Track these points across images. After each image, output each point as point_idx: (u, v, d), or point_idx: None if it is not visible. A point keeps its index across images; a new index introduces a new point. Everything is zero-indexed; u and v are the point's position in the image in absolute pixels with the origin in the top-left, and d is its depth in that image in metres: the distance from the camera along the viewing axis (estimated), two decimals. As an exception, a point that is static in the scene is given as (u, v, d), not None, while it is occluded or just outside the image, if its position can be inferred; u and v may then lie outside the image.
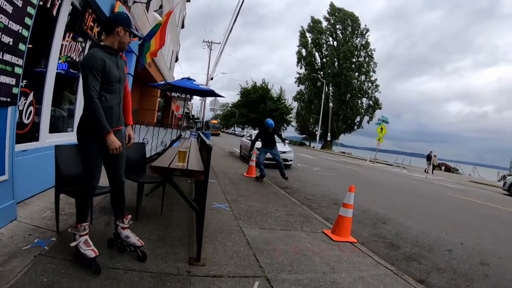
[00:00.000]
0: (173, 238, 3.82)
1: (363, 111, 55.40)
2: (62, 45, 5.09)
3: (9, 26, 3.08)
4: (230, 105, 79.36)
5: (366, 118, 54.75)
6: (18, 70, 3.38)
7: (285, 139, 10.75)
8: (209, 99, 29.78)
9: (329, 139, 52.29)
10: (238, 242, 4.06)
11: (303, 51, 57.40)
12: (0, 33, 2.98)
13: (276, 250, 3.96)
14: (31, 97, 4.34)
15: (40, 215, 3.84)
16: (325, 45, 56.04)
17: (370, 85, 54.98)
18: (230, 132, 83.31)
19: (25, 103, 4.21)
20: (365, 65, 54.67)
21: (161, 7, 12.56)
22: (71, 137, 5.40)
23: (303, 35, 57.34)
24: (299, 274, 3.36)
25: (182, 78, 11.20)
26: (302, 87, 58.46)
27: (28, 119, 4.36)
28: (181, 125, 13.41)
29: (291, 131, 66.31)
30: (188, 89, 10.74)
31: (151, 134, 9.10)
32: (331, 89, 53.72)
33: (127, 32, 2.96)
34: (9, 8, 3.04)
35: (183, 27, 30.65)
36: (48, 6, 4.45)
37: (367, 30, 55.10)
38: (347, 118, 54.54)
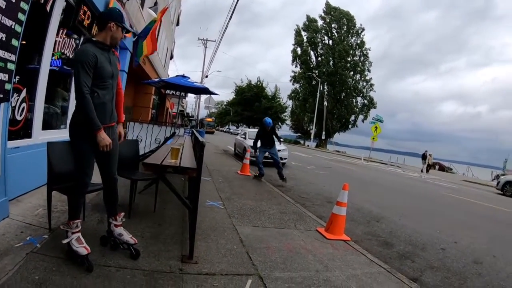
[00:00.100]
0: (166, 236, 3.81)
1: (357, 110, 55.58)
2: (55, 42, 5.06)
3: (1, 21, 3.05)
4: (225, 103, 79.39)
5: (361, 117, 55.06)
6: (11, 66, 3.35)
7: (280, 137, 10.73)
8: (203, 97, 29.67)
9: (323, 137, 52.44)
10: (231, 240, 4.06)
11: (298, 50, 57.50)
12: (-7, 29, 2.96)
13: (269, 248, 3.96)
14: (24, 94, 4.30)
15: (32, 213, 3.82)
16: (320, 44, 56.12)
17: (365, 84, 55.22)
18: (224, 130, 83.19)
19: (17, 100, 4.17)
20: (360, 64, 54.83)
21: (156, 4, 12.54)
22: (64, 134, 5.36)
23: (298, 33, 57.40)
24: (292, 272, 3.37)
25: (176, 76, 11.15)
26: (297, 85, 58.65)
27: (20, 115, 4.32)
28: (175, 123, 13.37)
29: (285, 129, 66.42)
30: (182, 87, 10.70)
31: (145, 131, 9.05)
32: (326, 87, 53.83)
33: (120, 28, 2.94)
34: (2, 3, 3.01)
35: (178, 24, 30.54)
36: (42, 1, 4.42)
37: (363, 29, 55.32)
38: (341, 117, 54.70)
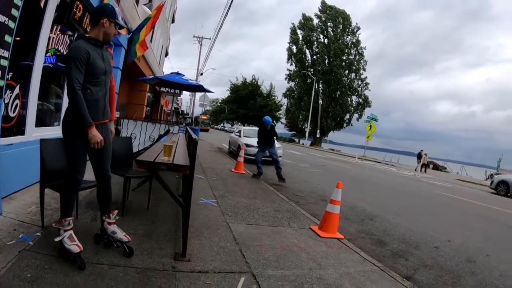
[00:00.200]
0: (159, 234, 3.81)
1: (352, 108, 55.75)
2: (49, 38, 5.01)
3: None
4: (220, 101, 79.38)
5: (356, 115, 55.23)
6: (4, 63, 3.33)
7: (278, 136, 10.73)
8: (198, 95, 29.74)
9: (318, 136, 52.55)
10: (224, 237, 4.06)
11: (294, 48, 57.47)
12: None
13: (262, 246, 3.97)
14: (17, 90, 4.26)
15: (25, 210, 3.80)
16: (315, 43, 56.14)
17: (360, 83, 55.36)
18: (219, 128, 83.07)
19: (11, 96, 4.13)
20: (355, 63, 54.90)
21: (150, 0, 12.48)
22: (58, 131, 5.30)
23: (294, 32, 57.42)
24: (285, 270, 3.38)
25: (171, 73, 11.14)
26: (292, 83, 58.70)
27: (14, 112, 4.29)
28: (170, 121, 13.33)
29: (280, 127, 66.50)
30: (177, 84, 10.69)
31: (139, 129, 9.02)
32: (321, 86, 53.89)
33: (112, 24, 2.93)
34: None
35: (173, 21, 30.44)
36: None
37: (358, 28, 55.38)
38: (336, 116, 54.79)
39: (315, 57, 55.95)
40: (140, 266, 2.92)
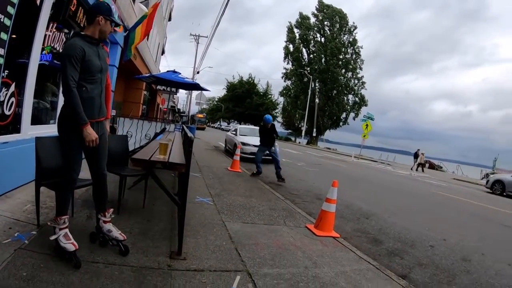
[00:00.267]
0: (155, 232, 3.81)
1: (349, 107, 55.83)
2: (45, 35, 4.98)
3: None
4: (216, 99, 79.24)
5: (352, 114, 55.38)
6: (0, 60, 3.31)
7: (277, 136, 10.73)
8: (195, 93, 29.62)
9: (314, 134, 52.57)
10: (220, 236, 4.06)
11: (291, 47, 57.46)
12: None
13: (258, 244, 3.98)
14: (12, 88, 4.24)
15: (21, 209, 3.78)
16: (312, 41, 56.16)
17: (356, 82, 55.37)
18: (216, 126, 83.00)
19: (6, 94, 4.10)
20: (352, 62, 54.96)
21: (147, -2, 12.44)
22: (54, 129, 5.29)
23: (291, 30, 57.35)
24: (281, 268, 3.39)
25: (167, 71, 11.12)
26: (288, 82, 58.69)
27: (9, 110, 4.26)
28: (166, 119, 13.31)
29: (277, 126, 66.47)
30: (173, 82, 10.68)
31: (135, 127, 9.00)
32: (317, 85, 53.92)
33: (108, 21, 2.92)
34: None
35: (170, 19, 30.35)
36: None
37: (355, 27, 55.38)
38: (333, 114, 54.82)
39: (311, 56, 55.95)
40: (135, 264, 2.92)
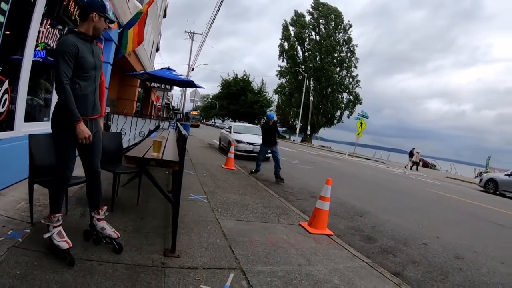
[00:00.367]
0: (149, 230, 3.81)
1: (343, 105, 55.95)
2: (39, 32, 4.93)
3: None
4: (211, 96, 79.06)
5: (346, 112, 55.49)
6: (-8, 57, 3.30)
7: (280, 134, 10.78)
8: (189, 90, 29.51)
9: (309, 132, 52.65)
10: (214, 233, 4.07)
11: (286, 45, 57.45)
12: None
13: (252, 242, 3.99)
14: (6, 85, 4.20)
15: (14, 206, 3.77)
16: (307, 39, 56.18)
17: (351, 80, 55.54)
18: (210, 124, 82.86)
19: (0, 91, 4.09)
20: (346, 60, 55.07)
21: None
22: (48, 126, 5.27)
23: (286, 28, 57.35)
24: (274, 266, 3.40)
25: (162, 68, 11.09)
26: (283, 80, 58.71)
27: (2, 107, 4.23)
28: (160, 116, 13.28)
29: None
30: (167, 79, 10.65)
31: (129, 124, 8.96)
32: (312, 83, 53.94)
33: (102, 18, 2.91)
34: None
35: (165, 16, 30.20)
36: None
37: (350, 26, 55.45)
38: (327, 112, 54.94)
39: (306, 54, 55.98)
40: (129, 262, 2.92)
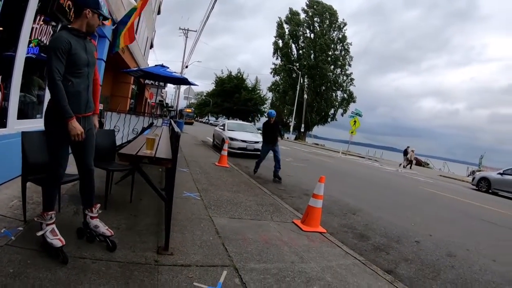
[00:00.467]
0: (142, 227, 3.81)
1: (337, 103, 56.06)
2: (33, 28, 4.90)
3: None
4: (205, 94, 78.89)
5: (340, 110, 55.64)
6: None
7: (282, 134, 10.79)
8: (183, 88, 29.47)
9: (302, 130, 52.71)
10: (207, 231, 4.08)
11: (280, 42, 57.38)
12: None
13: (245, 239, 4.01)
14: (-2, 82, 4.20)
15: (7, 204, 3.74)
16: (302, 37, 56.16)
17: (345, 78, 55.64)
18: (204, 121, 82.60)
19: (-8, 88, 4.07)
20: (341, 58, 55.16)
21: (136, -9, 12.30)
22: (40, 123, 5.24)
23: (280, 26, 57.26)
24: (267, 263, 3.42)
25: (155, 65, 11.06)
26: (277, 78, 58.68)
27: (-5, 104, 4.22)
28: (154, 113, 13.24)
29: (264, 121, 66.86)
30: (161, 77, 10.61)
31: (122, 121, 8.94)
32: (306, 81, 54.01)
33: (96, 14, 2.89)
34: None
35: (159, 13, 30.05)
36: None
37: (345, 24, 55.52)
38: (321, 110, 55.04)
39: (301, 51, 55.99)
40: (122, 260, 2.92)
